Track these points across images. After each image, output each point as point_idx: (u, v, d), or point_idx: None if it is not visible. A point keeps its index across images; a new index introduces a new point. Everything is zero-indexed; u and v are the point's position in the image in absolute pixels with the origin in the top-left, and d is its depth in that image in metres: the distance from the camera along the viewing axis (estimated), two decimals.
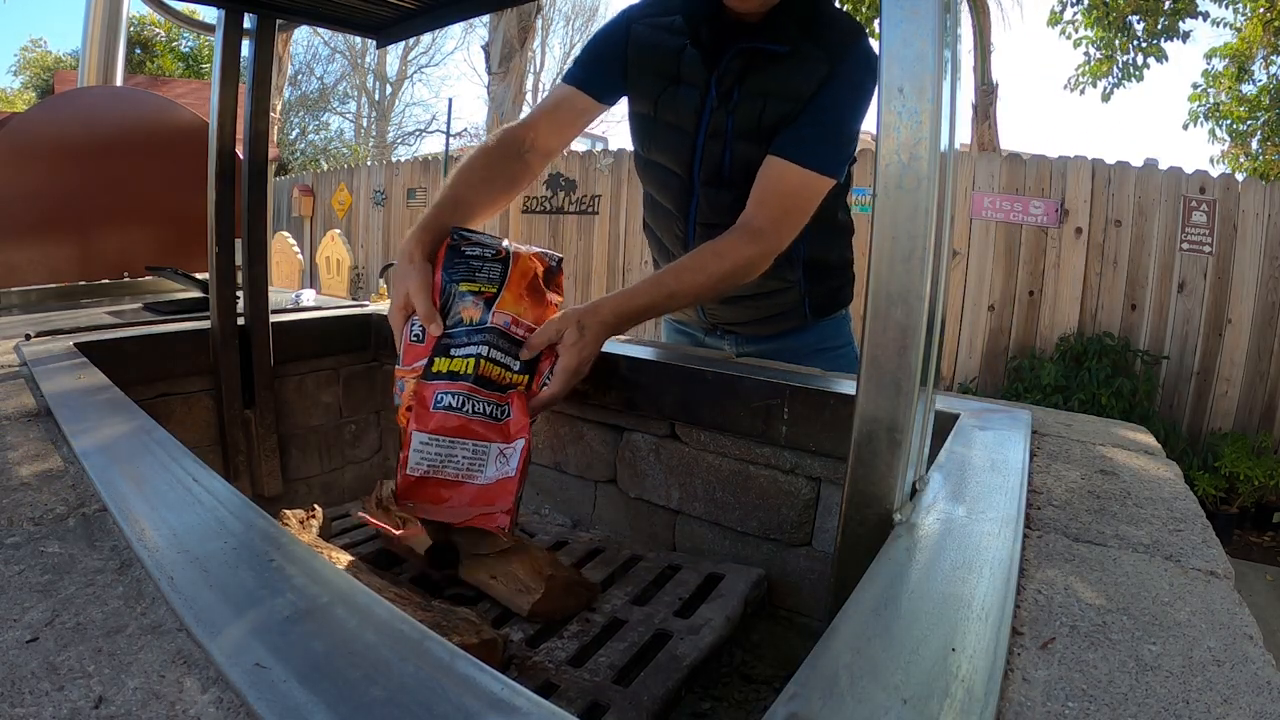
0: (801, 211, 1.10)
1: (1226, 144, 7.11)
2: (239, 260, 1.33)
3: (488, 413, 0.87)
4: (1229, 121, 6.94)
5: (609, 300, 1.00)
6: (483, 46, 8.80)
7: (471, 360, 0.88)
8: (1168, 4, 5.54)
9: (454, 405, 0.86)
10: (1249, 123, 6.81)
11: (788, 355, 1.29)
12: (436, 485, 0.86)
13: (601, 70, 1.21)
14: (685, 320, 1.47)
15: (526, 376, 0.91)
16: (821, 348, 1.37)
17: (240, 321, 1.34)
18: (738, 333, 1.40)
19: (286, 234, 6.48)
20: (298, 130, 17.04)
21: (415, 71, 21.07)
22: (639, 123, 1.25)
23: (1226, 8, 6.13)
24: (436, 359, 0.89)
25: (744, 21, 1.09)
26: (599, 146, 9.02)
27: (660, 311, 1.07)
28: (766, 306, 1.33)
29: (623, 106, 1.29)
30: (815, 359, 1.32)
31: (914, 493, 0.63)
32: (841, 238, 1.35)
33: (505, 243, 0.99)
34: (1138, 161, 4.29)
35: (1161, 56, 5.78)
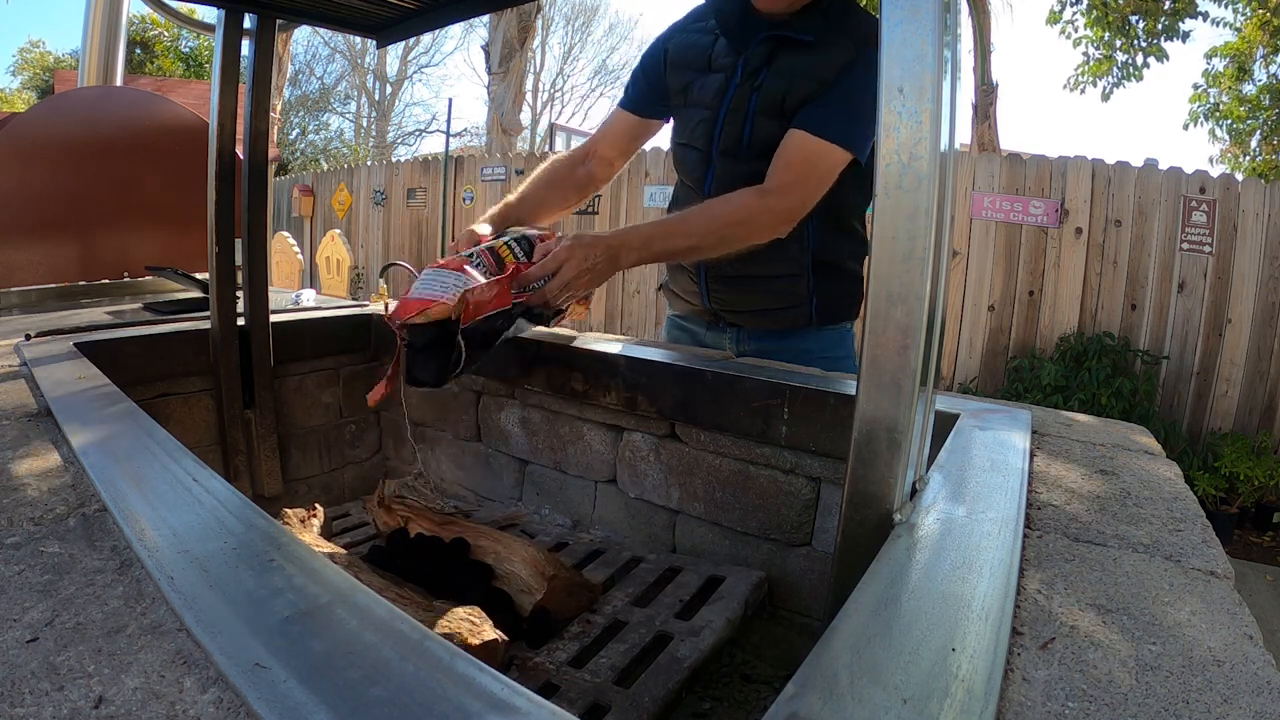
0: (816, 181, 1.14)
1: (1225, 144, 7.11)
2: (239, 260, 1.33)
3: (485, 265, 1.04)
4: (1229, 121, 6.94)
5: (610, 231, 1.11)
6: (483, 46, 8.80)
7: (496, 243, 1.09)
8: (1168, 4, 5.54)
9: (463, 253, 1.05)
10: (1248, 122, 6.80)
11: (788, 357, 1.28)
12: (420, 302, 0.97)
13: (643, 88, 1.32)
14: (688, 313, 1.46)
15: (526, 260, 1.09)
16: (823, 355, 1.36)
17: (240, 322, 1.34)
18: (741, 325, 1.39)
19: (286, 234, 6.47)
20: (298, 130, 17.03)
21: (415, 71, 21.05)
22: (675, 114, 1.33)
23: (1226, 8, 6.13)
24: None
25: (773, 19, 1.16)
26: None
27: (662, 246, 1.13)
28: (773, 295, 1.32)
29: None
30: (814, 365, 1.31)
31: (914, 493, 0.63)
32: (851, 243, 1.34)
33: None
34: (1138, 161, 4.28)
35: (1162, 56, 5.78)
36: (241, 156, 1.30)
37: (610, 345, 1.24)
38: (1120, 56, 5.92)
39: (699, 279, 1.35)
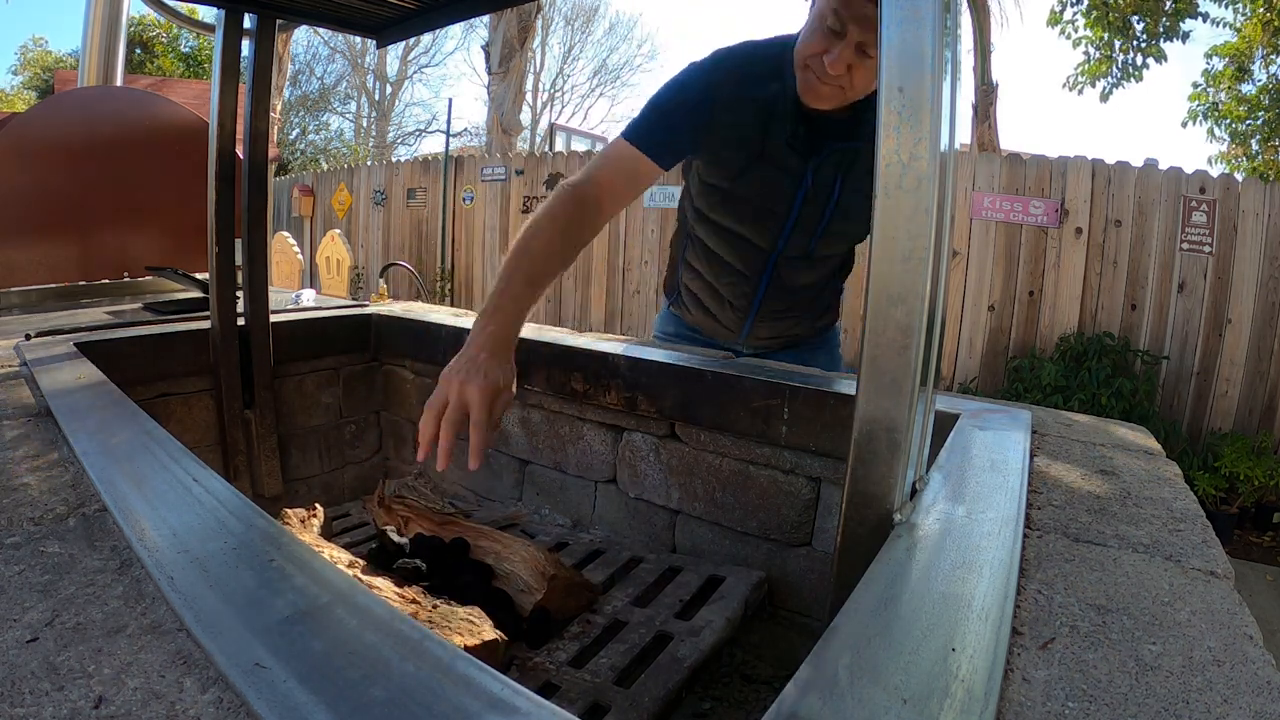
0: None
1: (1225, 144, 7.10)
2: (239, 260, 1.33)
3: None
4: (1228, 121, 6.94)
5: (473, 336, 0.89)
6: (483, 46, 8.80)
7: None
8: (1168, 4, 5.53)
9: None
10: (1248, 122, 6.80)
11: (789, 356, 1.30)
12: None
13: (674, 143, 1.12)
14: (708, 332, 1.43)
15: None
16: (819, 342, 1.42)
17: (240, 322, 1.34)
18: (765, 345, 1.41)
19: (286, 234, 6.47)
20: (298, 130, 17.01)
21: (415, 71, 21.02)
22: (709, 190, 1.21)
23: (1226, 8, 6.12)
24: None
25: (838, 118, 1.07)
26: (599, 147, 9.03)
27: (519, 287, 0.93)
28: (805, 323, 1.37)
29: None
30: (817, 354, 1.37)
31: (914, 493, 0.63)
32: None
33: None
34: (1138, 161, 4.28)
35: (1161, 57, 5.77)
36: (241, 156, 1.30)
37: (610, 345, 1.24)
38: (1120, 57, 5.92)
39: (747, 318, 1.32)
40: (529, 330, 1.35)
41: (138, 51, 10.75)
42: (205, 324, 1.33)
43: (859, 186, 1.13)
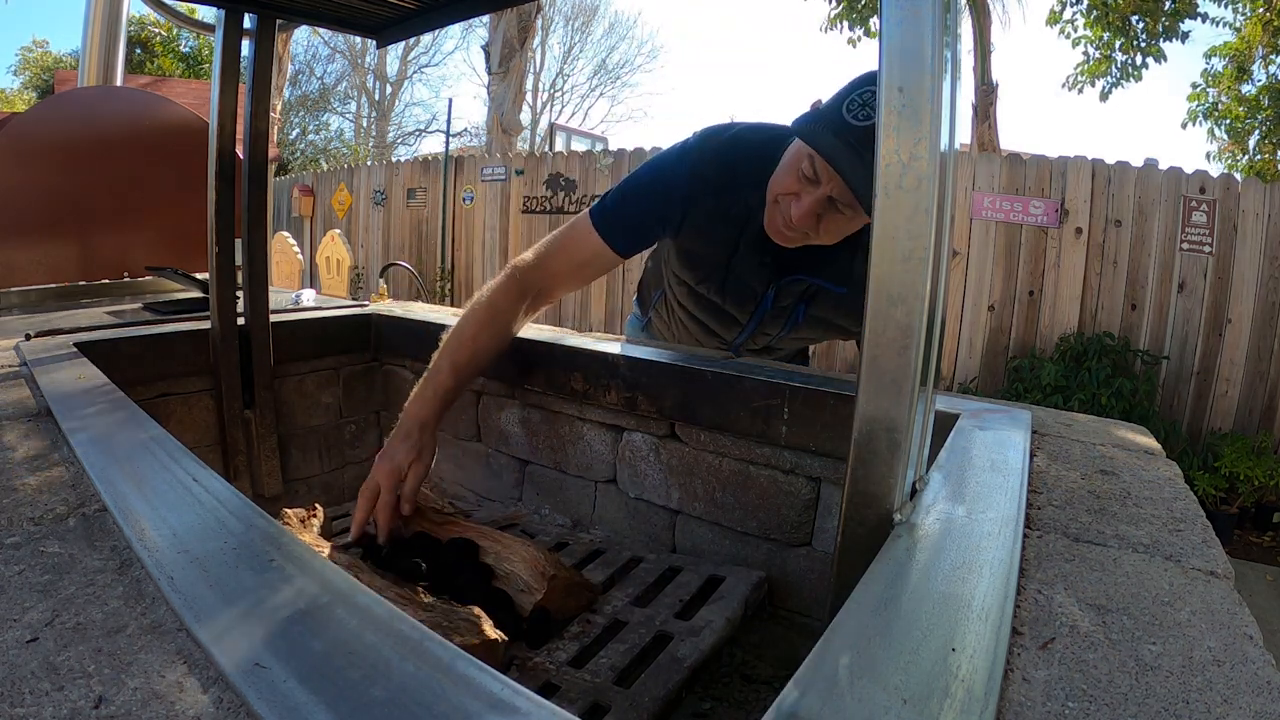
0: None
1: (1225, 143, 7.12)
2: (239, 260, 1.33)
3: None
4: (1228, 121, 6.94)
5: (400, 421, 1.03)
6: (483, 46, 8.81)
7: None
8: (1168, 4, 5.53)
9: None
10: (1248, 122, 6.80)
11: None
12: None
13: (641, 239, 1.12)
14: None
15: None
16: None
17: (240, 321, 1.34)
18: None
19: (286, 234, 6.47)
20: (298, 130, 17.01)
21: (415, 71, 21.03)
22: (677, 280, 1.25)
23: (1226, 8, 6.13)
24: None
25: (808, 248, 1.04)
26: (599, 147, 9.03)
27: (445, 377, 1.04)
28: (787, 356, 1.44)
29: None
30: None
31: (914, 493, 0.63)
32: None
33: None
34: (1138, 161, 4.28)
35: (1160, 57, 5.78)
36: (241, 156, 1.30)
37: (610, 345, 1.24)
38: (1119, 57, 5.92)
39: (732, 348, 1.35)
40: (529, 331, 1.35)
41: (138, 51, 10.75)
42: (205, 324, 1.33)
43: (821, 315, 1.16)
